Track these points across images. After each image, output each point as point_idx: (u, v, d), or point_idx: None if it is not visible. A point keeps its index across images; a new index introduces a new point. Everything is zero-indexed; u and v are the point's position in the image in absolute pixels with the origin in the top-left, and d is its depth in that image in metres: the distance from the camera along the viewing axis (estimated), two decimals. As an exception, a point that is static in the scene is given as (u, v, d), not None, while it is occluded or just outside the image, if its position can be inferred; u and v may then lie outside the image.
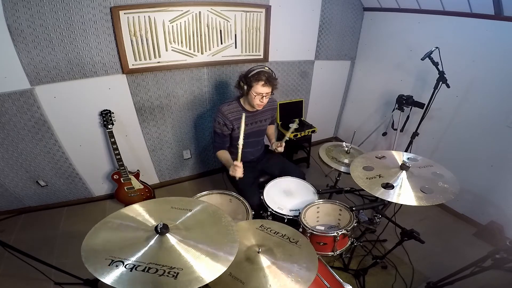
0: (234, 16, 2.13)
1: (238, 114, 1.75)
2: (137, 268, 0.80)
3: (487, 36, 1.88)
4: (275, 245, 1.15)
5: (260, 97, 1.64)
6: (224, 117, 1.72)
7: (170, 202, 1.13)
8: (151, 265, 0.81)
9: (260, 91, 1.61)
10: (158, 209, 1.09)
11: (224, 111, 1.72)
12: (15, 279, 1.71)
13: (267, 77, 1.60)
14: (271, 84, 1.63)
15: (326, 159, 1.86)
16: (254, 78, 1.60)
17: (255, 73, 1.60)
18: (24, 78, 1.69)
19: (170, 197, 1.17)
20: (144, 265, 0.81)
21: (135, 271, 0.79)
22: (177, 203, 1.12)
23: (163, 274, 0.79)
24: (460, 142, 2.22)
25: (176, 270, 0.80)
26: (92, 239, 0.91)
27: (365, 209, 2.17)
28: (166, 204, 1.13)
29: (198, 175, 2.82)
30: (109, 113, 1.97)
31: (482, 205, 2.16)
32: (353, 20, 2.75)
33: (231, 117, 1.73)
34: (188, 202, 1.14)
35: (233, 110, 1.75)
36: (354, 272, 1.76)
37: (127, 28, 1.81)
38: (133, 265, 0.81)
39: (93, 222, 0.96)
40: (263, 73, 1.60)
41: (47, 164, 2.06)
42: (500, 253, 1.32)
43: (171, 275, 0.79)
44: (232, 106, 1.76)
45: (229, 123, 1.73)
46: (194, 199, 1.24)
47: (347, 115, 3.42)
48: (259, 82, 1.59)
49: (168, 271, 0.80)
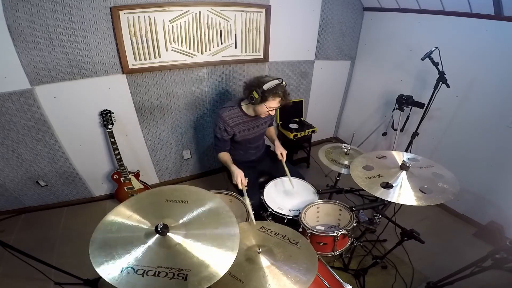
0: (234, 16, 2.13)
1: (239, 120, 1.74)
2: (148, 273, 0.80)
3: (487, 36, 1.88)
4: (275, 246, 1.15)
5: (272, 110, 1.64)
6: (224, 123, 1.70)
7: (164, 195, 1.09)
8: (160, 269, 0.81)
9: (275, 106, 1.61)
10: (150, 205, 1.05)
11: (225, 117, 1.70)
12: (15, 279, 1.71)
13: (283, 92, 1.58)
14: (286, 100, 1.62)
15: (326, 161, 1.86)
16: (271, 93, 1.55)
17: (273, 88, 1.55)
18: (24, 78, 1.69)
19: (163, 187, 1.12)
20: (153, 270, 0.81)
21: (146, 276, 0.79)
22: (171, 195, 1.08)
23: (173, 277, 0.79)
24: (460, 142, 2.22)
25: (185, 271, 0.80)
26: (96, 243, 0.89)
27: (365, 209, 2.17)
28: (160, 197, 1.08)
29: (198, 175, 2.82)
30: (109, 113, 1.98)
31: (482, 205, 2.16)
32: (353, 20, 2.75)
33: (231, 122, 1.72)
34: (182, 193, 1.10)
35: (234, 116, 1.73)
36: (354, 272, 1.76)
37: (127, 28, 1.81)
38: (143, 270, 0.80)
39: (93, 222, 0.95)
40: (280, 88, 1.57)
41: (47, 164, 2.06)
42: (500, 253, 1.32)
43: (180, 277, 0.79)
44: (233, 111, 1.73)
45: (229, 129, 1.72)
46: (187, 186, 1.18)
47: (347, 115, 3.42)
48: (276, 98, 1.57)
49: (177, 273, 0.80)
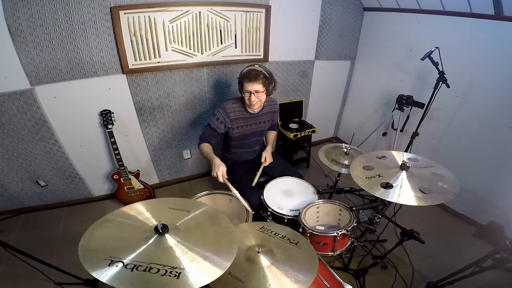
0: (234, 16, 2.13)
1: (239, 114, 1.76)
2: (138, 268, 0.80)
3: (487, 36, 1.88)
4: (275, 246, 1.15)
5: (249, 94, 1.64)
6: (225, 114, 1.72)
7: (170, 202, 1.13)
8: (152, 265, 0.81)
9: (249, 89, 1.63)
10: (158, 209, 1.09)
11: (227, 109, 1.73)
12: (15, 279, 1.71)
13: (254, 74, 1.61)
14: (261, 82, 1.62)
15: (326, 161, 1.86)
16: (244, 76, 1.64)
17: (246, 71, 1.65)
18: (24, 78, 1.69)
19: (170, 198, 1.17)
20: (145, 265, 0.81)
21: (136, 271, 0.79)
22: (177, 204, 1.12)
23: (165, 274, 0.79)
24: (460, 142, 2.22)
25: (179, 270, 0.80)
26: (89, 239, 0.90)
27: (365, 209, 2.17)
28: (166, 204, 1.12)
29: (198, 175, 2.81)
30: (109, 113, 1.98)
31: (482, 205, 2.16)
32: (353, 20, 2.75)
33: (232, 116, 1.74)
34: (188, 203, 1.14)
35: (236, 110, 1.76)
36: (354, 272, 1.76)
37: (127, 28, 1.81)
38: (134, 265, 0.81)
39: (93, 222, 0.96)
40: (252, 71, 1.63)
41: (47, 164, 2.06)
42: (500, 253, 1.32)
43: (173, 274, 0.79)
44: (236, 105, 1.77)
45: (229, 121, 1.74)
46: (195, 201, 1.23)
47: (347, 115, 3.42)
48: (245, 79, 1.62)
49: (170, 270, 0.80)
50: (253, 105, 1.70)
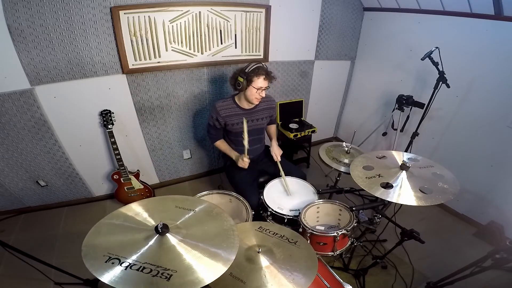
0: (234, 16, 2.13)
1: (231, 111, 1.81)
2: (132, 267, 0.80)
3: (487, 36, 1.88)
4: (275, 246, 1.15)
5: (260, 91, 1.70)
6: (216, 112, 1.79)
7: (173, 200, 1.13)
8: (146, 265, 0.81)
9: (261, 85, 1.68)
10: (159, 208, 1.09)
11: (218, 107, 1.79)
12: (15, 279, 1.71)
13: (265, 71, 1.70)
14: (268, 78, 1.71)
15: (326, 159, 1.86)
16: (254, 72, 1.66)
17: (255, 68, 1.67)
18: (24, 78, 1.69)
19: (173, 195, 1.17)
20: (139, 265, 0.81)
21: (130, 270, 0.79)
22: (180, 202, 1.12)
23: (156, 275, 0.79)
24: (460, 142, 2.22)
25: (170, 272, 0.80)
26: (93, 237, 0.91)
27: (365, 209, 2.16)
28: (168, 202, 1.12)
29: (198, 175, 2.81)
30: (109, 113, 1.97)
31: (482, 205, 2.16)
32: (353, 20, 2.75)
33: (223, 113, 1.79)
34: (190, 201, 1.14)
35: (227, 107, 1.81)
36: (354, 272, 1.76)
37: (127, 28, 1.81)
38: (129, 263, 0.81)
39: (93, 222, 0.96)
40: (262, 68, 1.69)
41: (47, 164, 2.06)
42: (500, 253, 1.32)
43: (164, 276, 0.79)
44: (227, 103, 1.82)
45: (221, 119, 1.79)
46: (197, 198, 1.23)
47: (347, 115, 3.42)
48: (260, 76, 1.67)
49: (162, 272, 0.80)
50: (257, 101, 1.77)
